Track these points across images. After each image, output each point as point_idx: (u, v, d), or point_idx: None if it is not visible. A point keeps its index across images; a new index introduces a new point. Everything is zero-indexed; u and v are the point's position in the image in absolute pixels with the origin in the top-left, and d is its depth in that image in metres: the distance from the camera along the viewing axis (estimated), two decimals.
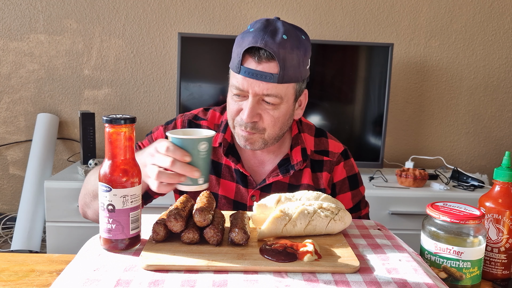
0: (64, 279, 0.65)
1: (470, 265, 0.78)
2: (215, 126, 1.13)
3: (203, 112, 1.16)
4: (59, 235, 1.93)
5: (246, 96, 0.99)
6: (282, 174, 1.07)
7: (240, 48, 0.96)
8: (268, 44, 0.93)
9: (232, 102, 1.02)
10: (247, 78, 0.96)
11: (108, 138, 0.72)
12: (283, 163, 1.10)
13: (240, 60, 0.96)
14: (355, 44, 2.18)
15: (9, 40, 2.29)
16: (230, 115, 1.04)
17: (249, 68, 0.95)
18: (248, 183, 1.09)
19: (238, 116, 1.01)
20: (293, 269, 0.67)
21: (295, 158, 1.09)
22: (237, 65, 0.97)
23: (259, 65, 0.95)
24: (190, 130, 0.90)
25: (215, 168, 1.10)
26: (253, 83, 0.96)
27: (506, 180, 0.85)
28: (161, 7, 2.31)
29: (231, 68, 1.01)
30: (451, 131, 2.50)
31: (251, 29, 0.97)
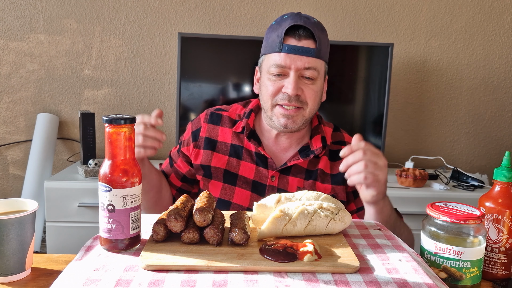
0: (64, 279, 0.64)
1: (470, 265, 0.78)
2: (237, 116, 1.22)
3: (225, 106, 1.26)
4: (59, 235, 1.93)
5: (286, 74, 1.08)
6: (302, 158, 1.16)
7: (279, 30, 1.07)
8: (307, 23, 1.06)
9: (270, 83, 1.10)
10: (289, 54, 1.06)
11: (108, 138, 0.72)
12: (304, 149, 1.18)
13: (281, 39, 1.06)
14: (355, 44, 2.17)
15: (9, 40, 2.29)
16: (269, 96, 1.10)
17: (291, 44, 1.06)
18: (268, 164, 1.16)
19: (279, 94, 1.09)
20: (293, 269, 0.67)
21: (315, 145, 1.18)
22: (279, 44, 1.07)
23: (299, 42, 1.07)
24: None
25: (236, 152, 1.18)
26: (295, 58, 1.06)
27: (506, 180, 0.85)
28: (161, 7, 2.31)
29: (267, 51, 1.11)
30: (451, 131, 2.50)
31: (285, 17, 1.09)
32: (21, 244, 0.76)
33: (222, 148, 1.19)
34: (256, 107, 1.23)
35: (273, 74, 1.09)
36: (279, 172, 1.16)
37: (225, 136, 1.20)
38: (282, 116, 1.11)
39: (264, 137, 1.21)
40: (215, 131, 1.21)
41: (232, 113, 1.23)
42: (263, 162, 1.17)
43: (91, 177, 1.98)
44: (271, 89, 1.10)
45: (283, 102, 1.09)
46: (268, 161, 1.17)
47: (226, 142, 1.19)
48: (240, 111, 1.24)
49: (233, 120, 1.22)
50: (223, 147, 1.19)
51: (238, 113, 1.23)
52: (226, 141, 1.19)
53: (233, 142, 1.19)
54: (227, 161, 1.17)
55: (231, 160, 1.17)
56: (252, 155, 1.18)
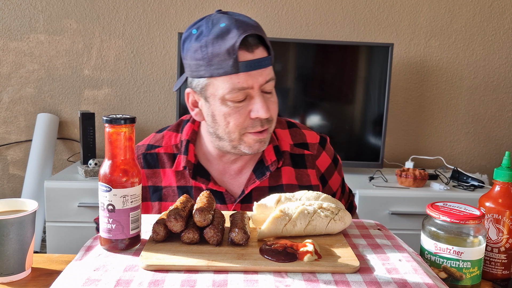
0: (64, 279, 0.65)
1: (470, 265, 0.78)
2: (173, 148, 1.04)
3: (155, 138, 1.06)
4: (59, 235, 1.93)
5: (247, 96, 0.91)
6: (258, 179, 1.00)
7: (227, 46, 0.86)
8: (255, 29, 0.89)
9: (233, 111, 0.92)
10: (249, 72, 0.89)
11: (108, 138, 0.72)
12: (258, 167, 1.03)
13: (236, 57, 0.87)
14: (355, 44, 2.18)
15: (9, 40, 2.29)
16: (236, 126, 0.93)
17: (247, 60, 0.88)
18: (226, 199, 1.00)
19: (248, 121, 0.93)
20: (293, 269, 0.67)
21: (268, 159, 1.02)
22: (233, 64, 0.87)
23: (253, 54, 0.89)
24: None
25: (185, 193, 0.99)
26: (256, 74, 0.90)
27: (506, 180, 0.85)
28: (161, 7, 2.31)
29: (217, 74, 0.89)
30: (451, 131, 2.50)
31: (221, 25, 0.88)
32: (21, 244, 0.76)
33: (169, 194, 1.01)
34: (193, 134, 1.04)
35: (234, 101, 0.91)
36: (240, 203, 1.01)
37: (169, 179, 1.01)
38: (255, 142, 0.95)
39: (212, 165, 1.04)
40: (156, 176, 1.02)
41: (167, 146, 1.04)
42: (218, 198, 1.00)
43: (91, 177, 1.98)
44: (237, 119, 0.92)
45: (255, 129, 0.93)
46: (224, 195, 1.00)
47: (172, 185, 1.01)
48: (175, 141, 1.05)
49: (171, 156, 1.03)
50: (170, 193, 1.01)
51: (174, 143, 1.04)
52: (171, 184, 1.01)
53: (179, 183, 1.01)
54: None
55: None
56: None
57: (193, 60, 0.91)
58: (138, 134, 2.39)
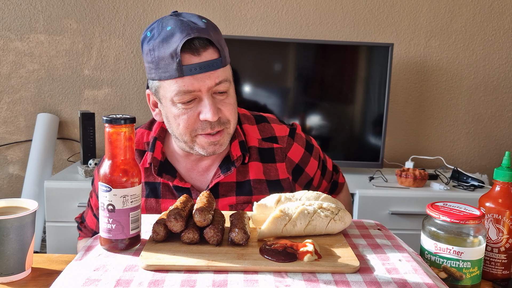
0: (64, 279, 0.65)
1: (470, 265, 0.78)
2: (144, 145, 1.05)
3: None
4: (59, 235, 1.93)
5: (196, 98, 0.92)
6: (223, 174, 1.01)
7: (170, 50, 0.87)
8: (200, 31, 0.88)
9: (181, 113, 0.92)
10: (195, 76, 0.88)
11: (108, 138, 0.72)
12: (224, 163, 1.03)
13: (179, 61, 0.87)
14: (355, 44, 2.17)
15: (9, 40, 2.29)
16: (185, 128, 0.93)
17: (192, 64, 0.88)
18: (192, 194, 1.01)
19: (197, 124, 0.93)
20: (293, 269, 0.67)
21: (234, 154, 1.02)
22: (177, 68, 0.88)
23: (199, 57, 0.89)
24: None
25: (152, 190, 1.02)
26: (203, 77, 0.89)
27: (506, 180, 0.85)
28: (161, 7, 2.31)
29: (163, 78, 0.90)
30: (451, 131, 2.50)
31: (167, 28, 0.89)
32: (21, 244, 0.76)
33: None
34: (161, 132, 1.05)
35: (184, 103, 0.91)
36: None
37: None
38: (208, 145, 0.95)
39: (180, 163, 1.04)
40: None
41: (139, 143, 1.05)
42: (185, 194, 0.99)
43: (91, 177, 1.98)
44: (185, 120, 0.92)
45: (205, 131, 0.93)
46: (190, 190, 1.01)
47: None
48: (146, 138, 1.06)
49: (142, 152, 1.04)
50: None
51: (145, 141, 1.05)
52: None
53: (147, 179, 1.02)
54: (144, 205, 1.01)
55: (149, 202, 1.01)
56: (172, 189, 1.02)
57: (146, 62, 0.93)
58: None
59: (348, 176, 2.14)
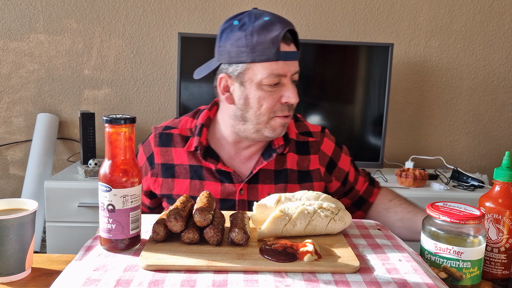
0: (64, 279, 0.65)
1: (470, 265, 0.78)
2: (188, 131, 1.14)
3: (173, 122, 1.17)
4: (59, 235, 1.93)
5: (279, 83, 1.02)
6: (265, 160, 1.10)
7: (271, 36, 0.98)
8: (292, 26, 1.01)
9: (267, 95, 1.02)
10: (286, 62, 1.01)
11: (108, 138, 0.72)
12: (266, 151, 1.13)
13: (278, 47, 0.99)
14: (355, 44, 2.17)
15: (9, 40, 2.29)
16: (267, 109, 1.03)
17: (286, 51, 1.00)
18: (233, 178, 1.09)
19: (278, 105, 1.03)
20: (293, 269, 0.67)
21: (276, 143, 1.12)
22: (276, 52, 0.99)
23: (289, 46, 1.02)
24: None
25: (196, 173, 1.10)
26: (290, 64, 1.02)
27: (506, 180, 0.85)
28: (161, 7, 2.31)
29: (259, 60, 1.00)
30: (451, 131, 2.50)
31: (265, 18, 1.00)
32: (21, 244, 0.76)
33: (181, 171, 1.10)
34: (208, 120, 1.14)
35: (270, 85, 1.01)
36: (247, 183, 1.09)
37: (181, 158, 1.11)
38: (279, 126, 1.06)
39: (223, 150, 1.13)
40: (169, 154, 1.12)
41: (183, 129, 1.14)
42: (227, 178, 1.09)
43: (91, 177, 1.98)
44: (270, 102, 1.02)
45: (283, 113, 1.04)
46: (232, 175, 1.09)
47: (184, 164, 1.11)
48: (190, 125, 1.15)
49: (185, 138, 1.13)
50: (182, 171, 1.10)
51: (189, 127, 1.14)
52: (183, 162, 1.11)
53: (190, 162, 1.10)
54: (189, 186, 1.09)
55: (194, 183, 1.09)
56: (214, 172, 1.10)
57: (234, 47, 1.02)
58: (138, 134, 2.39)
59: None
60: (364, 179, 1.25)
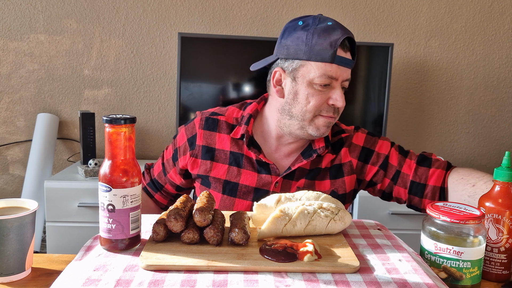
0: (64, 279, 0.65)
1: (470, 265, 0.78)
2: (234, 120, 1.18)
3: (220, 109, 1.21)
4: (59, 235, 1.93)
5: (330, 85, 1.06)
6: (305, 159, 1.13)
7: (331, 39, 1.03)
8: (351, 34, 1.06)
9: (316, 94, 1.06)
10: (340, 66, 1.05)
11: (108, 138, 0.72)
12: (306, 151, 1.16)
13: (335, 50, 1.03)
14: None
15: (9, 40, 2.29)
16: (314, 107, 1.06)
17: (342, 56, 1.04)
18: (271, 171, 1.13)
19: (324, 105, 1.07)
20: (293, 269, 0.67)
21: (317, 144, 1.15)
22: (332, 55, 1.03)
23: (346, 53, 1.06)
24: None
25: (236, 160, 1.14)
26: (343, 70, 1.06)
27: (506, 180, 0.85)
28: (161, 7, 2.31)
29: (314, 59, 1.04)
30: (451, 131, 2.50)
31: (329, 23, 1.05)
32: (21, 244, 0.76)
33: (221, 156, 1.14)
34: (255, 112, 1.18)
35: (321, 85, 1.05)
36: (283, 178, 1.13)
37: (223, 143, 1.15)
38: (323, 125, 1.09)
39: (266, 143, 1.17)
40: (212, 138, 1.15)
41: (229, 117, 1.18)
42: (265, 169, 1.13)
43: (91, 177, 1.98)
44: (318, 100, 1.06)
45: (328, 114, 1.08)
46: (271, 167, 1.13)
47: (225, 149, 1.14)
48: (237, 114, 1.18)
49: (230, 125, 1.17)
50: (222, 156, 1.14)
51: (235, 116, 1.18)
52: (224, 148, 1.14)
53: (232, 149, 1.14)
54: (227, 171, 1.13)
55: (232, 169, 1.13)
56: (253, 162, 1.13)
57: (294, 44, 1.07)
58: (138, 134, 2.39)
59: None
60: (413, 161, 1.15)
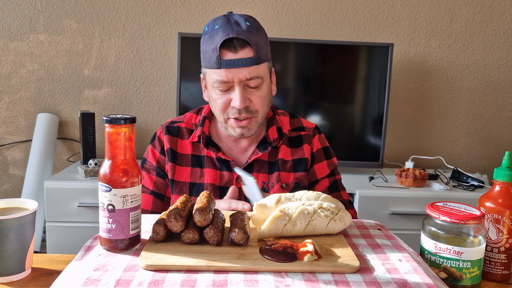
0: (64, 279, 0.65)
1: (470, 265, 0.78)
2: (192, 126, 1.22)
3: (178, 117, 1.26)
4: (59, 235, 1.93)
5: (231, 87, 1.07)
6: (261, 152, 1.17)
7: (213, 45, 1.04)
8: (239, 32, 1.03)
9: (218, 97, 1.09)
10: (229, 69, 1.04)
11: (108, 138, 0.72)
12: (261, 143, 1.20)
13: (218, 55, 1.04)
14: (355, 44, 2.17)
15: (9, 40, 2.29)
16: (220, 110, 1.11)
17: (229, 59, 1.04)
18: (231, 167, 1.17)
19: (229, 108, 1.09)
20: (293, 269, 0.67)
21: (271, 136, 1.19)
22: (216, 60, 1.04)
23: (236, 54, 1.04)
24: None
25: (197, 161, 1.18)
26: (236, 71, 1.04)
27: (506, 180, 0.85)
28: (161, 7, 2.31)
29: (207, 67, 1.08)
30: (451, 131, 2.50)
31: (216, 27, 1.06)
32: (21, 244, 0.76)
33: (183, 160, 1.18)
34: (210, 113, 1.22)
35: (220, 90, 1.08)
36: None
37: (185, 148, 1.19)
38: (237, 127, 1.11)
39: (222, 142, 1.21)
40: (174, 143, 1.20)
41: (188, 123, 1.22)
42: (226, 166, 1.17)
43: (91, 177, 1.98)
44: (220, 104, 1.10)
45: (234, 116, 1.09)
46: (231, 163, 1.17)
47: (187, 154, 1.19)
48: (195, 120, 1.23)
49: (189, 131, 1.21)
50: (184, 159, 1.18)
51: (193, 122, 1.23)
52: (186, 152, 1.19)
53: (193, 152, 1.19)
54: (190, 172, 1.17)
55: (195, 170, 1.17)
56: (214, 161, 1.17)
57: (200, 51, 1.11)
58: (138, 134, 2.39)
59: (348, 176, 2.15)
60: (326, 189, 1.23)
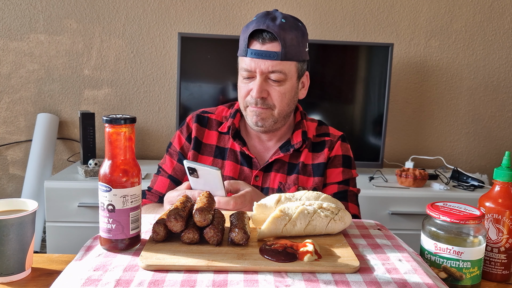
0: (64, 279, 0.65)
1: (470, 265, 0.78)
2: (223, 118, 1.26)
3: (210, 108, 1.29)
4: (59, 235, 1.93)
5: (254, 77, 1.12)
6: (282, 153, 1.19)
7: (245, 34, 1.10)
8: (270, 26, 1.07)
9: (242, 85, 1.15)
10: (254, 59, 1.09)
11: (108, 138, 0.72)
12: (284, 145, 1.22)
13: (246, 44, 1.10)
14: (355, 44, 2.17)
15: (9, 40, 2.29)
16: (241, 97, 1.16)
17: (255, 49, 1.09)
18: (253, 164, 1.20)
19: (248, 96, 1.14)
20: (293, 269, 0.67)
21: (295, 139, 1.21)
22: (244, 48, 1.10)
23: (263, 45, 1.09)
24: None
25: (220, 153, 1.22)
26: (259, 62, 1.09)
27: (506, 180, 0.85)
28: (161, 7, 2.31)
29: (239, 54, 1.14)
30: (451, 131, 2.50)
31: (254, 18, 1.12)
32: (21, 244, 0.76)
33: (207, 150, 1.22)
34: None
35: (244, 77, 1.13)
36: (263, 171, 1.19)
37: (211, 139, 1.23)
38: (253, 114, 1.15)
39: (249, 137, 1.24)
40: (201, 133, 1.23)
41: (218, 115, 1.26)
42: (247, 162, 1.20)
43: (91, 177, 1.98)
44: (242, 91, 1.15)
45: (251, 104, 1.14)
46: (253, 161, 1.20)
47: (211, 144, 1.23)
48: (226, 113, 1.27)
49: (219, 123, 1.25)
50: (207, 149, 1.22)
51: (224, 115, 1.27)
52: (211, 143, 1.23)
53: (218, 144, 1.23)
54: (212, 162, 1.21)
55: (216, 161, 1.21)
56: (237, 155, 1.21)
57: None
58: (138, 134, 2.39)
59: None
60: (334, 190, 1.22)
